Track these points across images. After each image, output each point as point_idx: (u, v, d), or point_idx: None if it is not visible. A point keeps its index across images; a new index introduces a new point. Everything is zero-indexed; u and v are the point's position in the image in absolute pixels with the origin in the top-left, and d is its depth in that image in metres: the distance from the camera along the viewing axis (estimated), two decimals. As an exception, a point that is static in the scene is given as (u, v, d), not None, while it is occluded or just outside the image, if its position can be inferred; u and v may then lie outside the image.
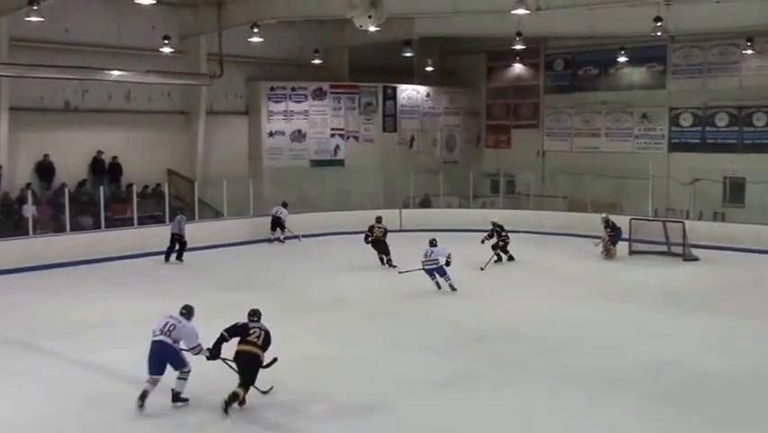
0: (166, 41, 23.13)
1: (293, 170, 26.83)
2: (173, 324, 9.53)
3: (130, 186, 22.77)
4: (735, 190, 25.93)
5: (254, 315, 9.84)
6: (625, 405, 10.02)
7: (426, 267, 16.74)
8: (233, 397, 9.21)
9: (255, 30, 22.96)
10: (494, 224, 20.53)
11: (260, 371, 9.54)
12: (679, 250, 21.36)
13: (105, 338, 12.90)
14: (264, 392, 9.78)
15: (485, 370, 11.54)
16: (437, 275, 16.64)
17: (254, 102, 27.65)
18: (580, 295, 16.90)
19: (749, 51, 25.76)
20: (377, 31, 16.20)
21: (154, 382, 9.38)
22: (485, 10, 21.76)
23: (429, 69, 30.15)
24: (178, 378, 9.54)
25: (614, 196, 26.12)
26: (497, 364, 11.84)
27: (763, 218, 23.09)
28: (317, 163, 28.00)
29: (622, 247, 21.52)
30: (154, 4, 18.37)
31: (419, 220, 25.72)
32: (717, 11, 21.86)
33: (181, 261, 20.52)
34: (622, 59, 28.24)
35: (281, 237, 23.96)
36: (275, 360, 9.58)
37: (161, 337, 9.45)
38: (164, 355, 9.43)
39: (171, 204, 23.10)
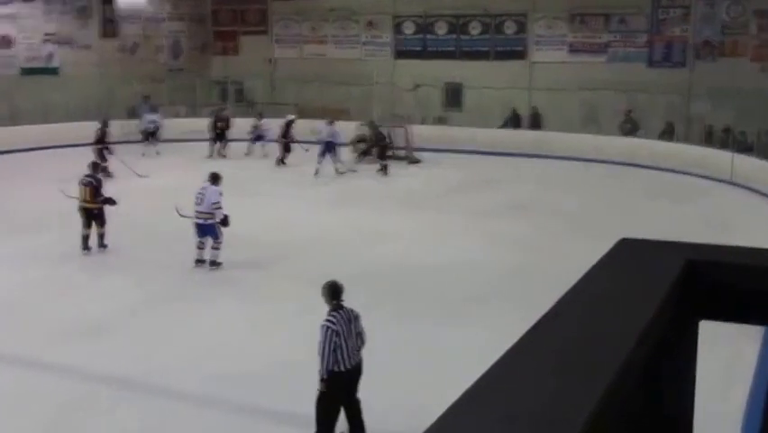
0: None
1: (1, 80, 24.57)
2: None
3: None
4: (453, 95, 27.26)
5: None
6: (353, 301, 10.45)
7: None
8: None
9: None
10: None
11: None
12: (403, 153, 22.29)
13: None
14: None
15: (223, 278, 11.53)
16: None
17: (-49, 4, 24.81)
18: (312, 201, 17.18)
19: (465, -39, 26.86)
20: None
21: None
22: None
23: (149, -30, 28.61)
24: None
25: (342, 102, 26.58)
26: (236, 273, 11.84)
27: (478, 121, 24.62)
28: (29, 72, 25.78)
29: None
30: None
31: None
32: None
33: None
34: (347, -35, 28.41)
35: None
36: None
37: None
38: None
39: None
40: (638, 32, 24.63)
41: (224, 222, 11.75)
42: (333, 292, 7.05)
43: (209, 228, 11.78)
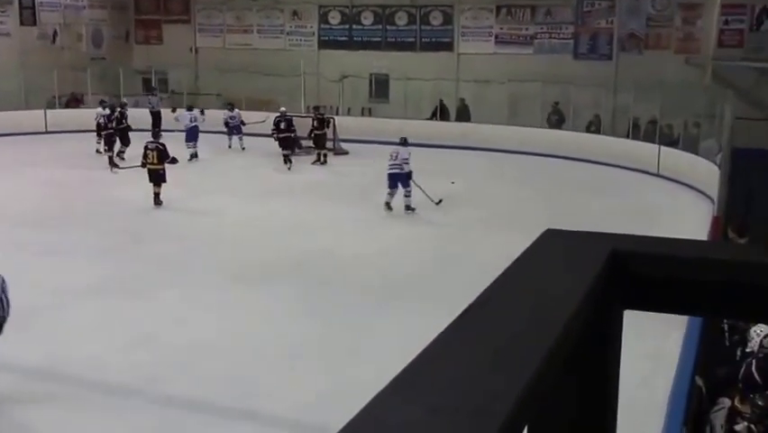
0: None
1: None
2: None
3: None
4: (380, 86, 27.23)
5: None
6: (278, 294, 10.42)
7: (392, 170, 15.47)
8: None
9: None
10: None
11: None
12: (329, 145, 22.20)
13: None
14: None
15: (145, 272, 11.33)
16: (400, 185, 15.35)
17: None
18: (238, 193, 16.94)
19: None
20: None
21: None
22: None
23: (69, -44, 27.81)
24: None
25: (268, 93, 26.30)
26: (157, 267, 11.65)
27: (405, 113, 24.67)
28: (-57, 60, 24.90)
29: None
30: None
31: (66, 121, 24.07)
32: None
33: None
34: (270, -47, 28.08)
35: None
36: None
37: None
38: None
39: None
40: (564, 24, 24.98)
41: (409, 175, 14.74)
42: None
43: (403, 177, 14.63)
